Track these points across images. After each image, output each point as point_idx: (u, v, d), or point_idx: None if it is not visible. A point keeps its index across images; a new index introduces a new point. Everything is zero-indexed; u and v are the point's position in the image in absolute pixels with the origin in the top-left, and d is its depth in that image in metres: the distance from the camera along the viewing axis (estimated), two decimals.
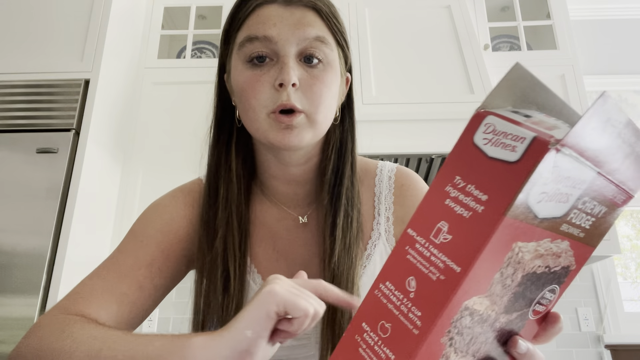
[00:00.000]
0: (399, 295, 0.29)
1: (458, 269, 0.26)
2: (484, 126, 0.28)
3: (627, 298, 2.03)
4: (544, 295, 0.31)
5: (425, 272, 0.28)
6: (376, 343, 0.29)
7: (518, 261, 0.27)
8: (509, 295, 0.28)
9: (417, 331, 0.27)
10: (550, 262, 0.29)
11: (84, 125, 1.67)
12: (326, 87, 0.56)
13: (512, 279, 0.28)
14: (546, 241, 0.28)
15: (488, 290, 0.27)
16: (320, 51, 0.56)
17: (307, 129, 0.56)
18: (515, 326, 0.31)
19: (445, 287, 0.26)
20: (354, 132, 0.65)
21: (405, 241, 0.30)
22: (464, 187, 0.27)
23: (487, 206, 0.26)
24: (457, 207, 0.27)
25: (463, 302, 0.26)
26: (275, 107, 0.54)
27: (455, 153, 0.29)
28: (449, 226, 0.27)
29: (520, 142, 0.25)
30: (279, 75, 0.54)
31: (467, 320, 0.27)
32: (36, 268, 1.47)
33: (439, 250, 0.27)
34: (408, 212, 0.65)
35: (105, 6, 1.85)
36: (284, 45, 0.54)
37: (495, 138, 0.27)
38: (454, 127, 1.75)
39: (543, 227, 0.27)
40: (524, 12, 2.20)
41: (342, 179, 0.62)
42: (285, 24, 0.55)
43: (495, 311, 0.28)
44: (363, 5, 2.08)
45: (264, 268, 0.63)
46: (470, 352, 0.29)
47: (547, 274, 0.29)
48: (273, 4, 0.56)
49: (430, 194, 0.29)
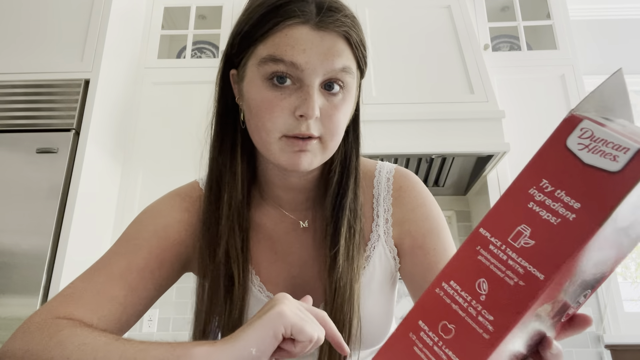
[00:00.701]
0: (467, 296, 0.28)
1: (541, 277, 0.25)
2: (579, 130, 0.27)
3: (627, 298, 2.03)
4: (579, 299, 0.30)
5: (500, 276, 0.27)
6: (436, 343, 0.28)
7: (584, 270, 0.26)
8: (565, 301, 0.28)
9: (489, 336, 0.26)
10: (600, 269, 0.28)
11: (84, 125, 1.67)
12: (344, 115, 0.56)
13: (574, 286, 0.27)
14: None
15: (556, 298, 0.26)
16: (343, 81, 0.55)
17: (318, 154, 0.56)
18: (545, 327, 0.30)
19: (526, 294, 0.25)
20: (358, 146, 0.64)
21: (477, 240, 0.28)
22: (552, 192, 0.26)
23: (579, 215, 0.25)
24: (542, 212, 0.26)
25: (537, 310, 0.26)
26: (291, 134, 0.53)
27: (543, 155, 0.27)
28: (531, 231, 0.26)
29: (623, 152, 0.24)
30: (301, 105, 0.52)
31: (536, 324, 0.26)
32: (36, 268, 1.47)
33: (518, 255, 0.26)
34: (406, 214, 0.65)
35: (105, 6, 1.85)
36: (310, 74, 0.52)
37: (593, 145, 0.26)
38: (454, 127, 1.75)
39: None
40: (524, 12, 2.20)
41: (346, 191, 0.62)
42: (314, 51, 0.52)
43: (549, 316, 0.28)
44: (363, 6, 2.08)
45: (262, 270, 0.64)
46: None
47: (593, 280, 0.29)
48: (304, 25, 0.52)
49: (509, 195, 0.28)
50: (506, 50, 2.27)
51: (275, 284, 0.63)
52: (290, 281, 0.64)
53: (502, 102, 1.92)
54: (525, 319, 0.25)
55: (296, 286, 0.64)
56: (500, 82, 2.02)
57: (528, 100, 1.97)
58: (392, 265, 0.65)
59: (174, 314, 1.97)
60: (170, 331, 1.95)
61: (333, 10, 0.53)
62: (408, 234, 0.64)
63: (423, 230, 0.63)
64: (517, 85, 2.00)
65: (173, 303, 1.98)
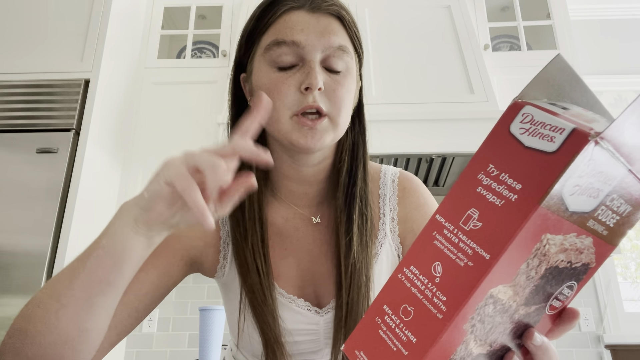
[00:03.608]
0: (424, 279, 0.29)
1: (487, 256, 0.26)
2: (521, 116, 0.28)
3: (627, 298, 2.03)
4: (562, 290, 0.31)
5: (452, 258, 0.28)
6: (397, 326, 0.29)
7: (544, 253, 0.27)
8: (531, 287, 0.28)
9: (442, 316, 0.27)
10: (573, 257, 0.29)
11: (84, 125, 1.67)
12: (347, 91, 0.59)
13: (536, 270, 0.28)
14: (572, 236, 0.28)
15: (513, 280, 0.27)
16: (342, 60, 0.58)
17: (329, 132, 0.57)
18: (531, 320, 0.31)
19: (474, 274, 0.26)
20: (364, 135, 0.67)
21: (433, 227, 0.30)
22: (498, 176, 0.27)
23: (521, 195, 0.26)
24: (489, 195, 0.27)
25: (489, 290, 0.26)
26: (299, 109, 0.56)
27: (490, 141, 0.29)
28: (479, 213, 0.27)
29: (559, 132, 0.25)
30: (305, 79, 0.55)
31: (490, 308, 0.27)
32: (36, 268, 1.47)
33: (468, 237, 0.28)
34: (410, 212, 0.68)
35: (105, 6, 1.85)
36: (310, 50, 0.56)
37: (533, 128, 0.27)
38: (454, 127, 1.75)
39: (572, 221, 0.27)
40: (524, 12, 2.20)
41: (356, 180, 0.64)
42: (312, 30, 0.57)
43: (516, 302, 0.28)
44: (363, 6, 2.08)
45: (274, 265, 0.65)
46: (488, 341, 0.29)
47: (568, 269, 0.29)
48: (300, 9, 0.58)
49: (461, 181, 0.29)
50: (506, 50, 2.27)
51: (286, 279, 0.65)
52: (300, 276, 0.65)
53: (502, 102, 1.92)
54: (476, 298, 0.26)
55: (307, 280, 0.65)
56: (500, 82, 2.02)
57: None
58: (397, 262, 0.68)
59: (174, 314, 1.97)
60: (170, 331, 1.95)
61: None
62: (411, 232, 0.67)
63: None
64: (517, 85, 2.00)
65: (173, 303, 1.98)
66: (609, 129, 0.24)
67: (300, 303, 0.63)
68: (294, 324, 0.62)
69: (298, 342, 0.63)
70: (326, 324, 0.62)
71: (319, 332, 0.63)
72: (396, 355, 0.28)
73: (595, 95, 0.28)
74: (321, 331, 0.63)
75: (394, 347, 0.29)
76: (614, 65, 2.32)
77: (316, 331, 0.63)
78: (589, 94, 0.28)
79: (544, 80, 0.29)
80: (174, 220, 0.43)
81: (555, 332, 0.33)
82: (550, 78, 0.29)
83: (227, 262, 0.65)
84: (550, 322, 0.32)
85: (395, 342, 0.29)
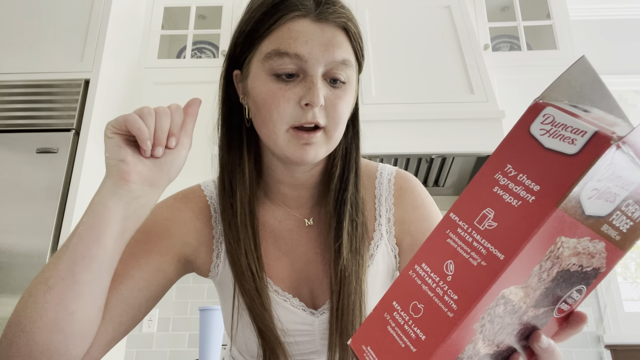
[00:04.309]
0: (435, 277, 0.29)
1: (502, 257, 0.26)
2: (542, 117, 0.28)
3: (627, 298, 2.03)
4: (571, 294, 0.30)
5: (465, 257, 0.28)
6: (406, 322, 0.29)
7: (557, 256, 0.27)
8: (542, 289, 0.28)
9: (452, 314, 0.27)
10: (585, 261, 0.29)
11: (84, 125, 1.67)
12: (347, 105, 0.58)
13: (548, 273, 0.28)
14: (586, 239, 0.27)
15: (525, 282, 0.27)
16: (344, 74, 0.57)
17: (323, 145, 0.57)
18: (539, 322, 0.31)
19: (487, 274, 0.26)
20: (358, 141, 0.66)
21: (447, 225, 0.30)
22: (515, 176, 0.27)
23: (538, 196, 0.26)
24: (505, 195, 0.27)
25: (501, 290, 0.26)
26: (297, 124, 0.55)
27: (509, 141, 0.29)
28: (495, 213, 0.27)
29: (581, 135, 0.25)
30: (306, 95, 0.54)
31: (501, 309, 0.27)
32: (36, 268, 1.47)
33: (482, 237, 0.27)
34: (407, 213, 0.67)
35: (105, 6, 1.85)
36: (313, 65, 0.54)
37: (554, 130, 0.27)
38: (454, 127, 1.75)
39: (587, 225, 0.27)
40: (524, 12, 2.20)
41: (347, 185, 0.63)
42: (316, 42, 0.54)
43: (526, 304, 0.28)
44: (363, 6, 2.08)
45: (267, 266, 0.64)
46: (496, 341, 0.29)
47: (579, 273, 0.29)
48: (305, 18, 0.55)
49: (477, 180, 0.29)
50: (506, 50, 2.27)
51: (281, 279, 0.64)
52: (295, 277, 0.65)
53: (502, 102, 1.92)
54: (488, 298, 0.26)
55: (302, 281, 0.65)
56: (500, 82, 2.02)
57: (528, 100, 1.96)
58: (393, 263, 0.67)
59: (174, 314, 1.97)
60: (170, 331, 1.95)
61: (330, 2, 0.56)
62: (408, 233, 0.66)
63: (422, 229, 0.65)
64: (517, 85, 2.00)
65: (173, 303, 1.98)
66: (632, 133, 0.24)
67: (295, 302, 0.63)
68: (289, 324, 0.62)
69: (295, 342, 0.63)
70: (321, 324, 0.62)
71: (314, 332, 0.63)
72: (404, 352, 0.28)
73: (615, 100, 0.28)
74: (316, 332, 0.63)
75: (402, 344, 0.29)
76: (613, 65, 2.32)
77: (311, 332, 0.63)
78: (609, 97, 0.28)
79: (566, 82, 0.29)
80: (147, 171, 0.49)
81: (562, 335, 0.33)
82: (572, 79, 0.29)
83: (221, 262, 0.65)
84: (557, 325, 0.32)
85: (404, 338, 0.29)
